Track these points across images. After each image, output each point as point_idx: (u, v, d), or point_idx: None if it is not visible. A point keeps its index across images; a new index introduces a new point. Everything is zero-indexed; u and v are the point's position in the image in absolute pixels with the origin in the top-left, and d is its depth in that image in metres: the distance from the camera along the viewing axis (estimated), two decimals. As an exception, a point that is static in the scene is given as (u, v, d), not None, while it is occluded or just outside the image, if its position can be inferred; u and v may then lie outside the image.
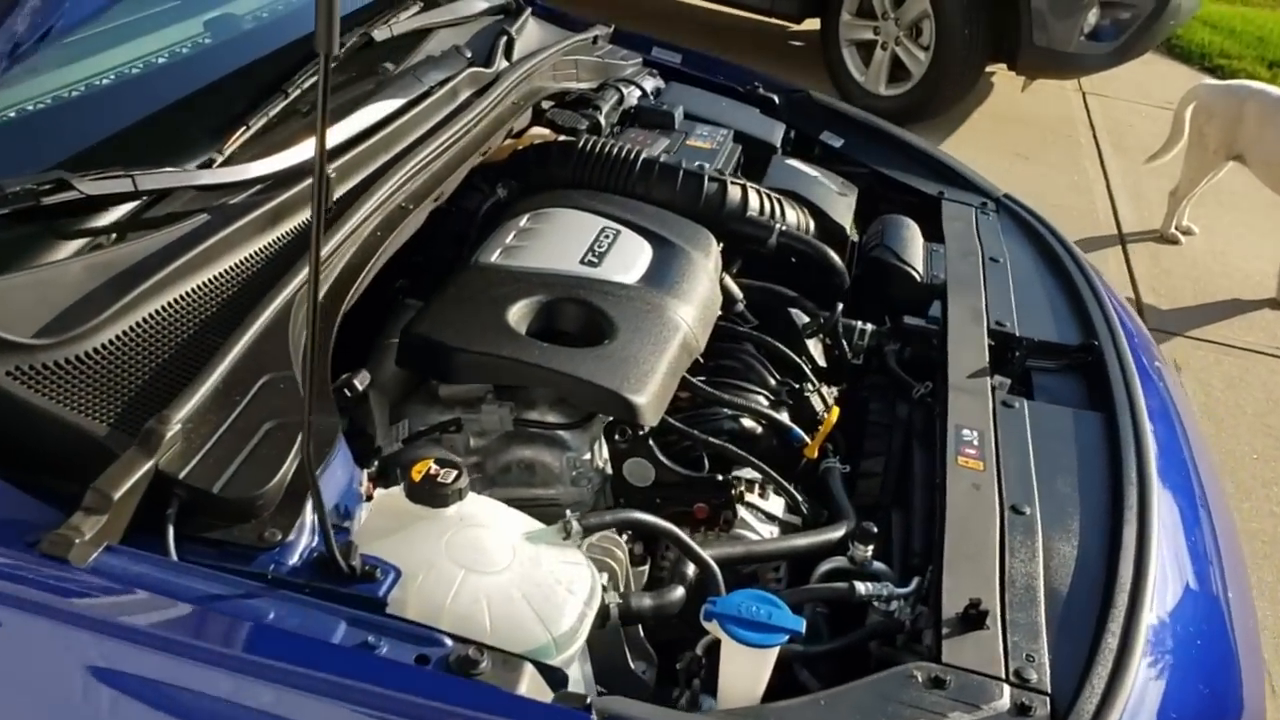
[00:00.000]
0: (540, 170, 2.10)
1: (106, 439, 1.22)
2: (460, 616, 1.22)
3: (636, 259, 1.84)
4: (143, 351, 1.33)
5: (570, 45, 2.48)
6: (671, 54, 2.84)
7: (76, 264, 1.37)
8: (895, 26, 5.71)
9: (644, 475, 1.62)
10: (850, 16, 5.85)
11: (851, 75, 5.92)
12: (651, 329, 1.67)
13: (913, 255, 2.23)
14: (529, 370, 1.55)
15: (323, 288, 1.54)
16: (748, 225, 2.12)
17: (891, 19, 5.71)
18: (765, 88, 2.76)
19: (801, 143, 2.73)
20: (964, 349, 1.93)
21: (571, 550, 1.34)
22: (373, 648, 1.11)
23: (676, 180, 2.09)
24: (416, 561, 1.26)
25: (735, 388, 1.82)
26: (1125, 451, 1.70)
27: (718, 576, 1.42)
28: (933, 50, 5.57)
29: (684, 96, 2.62)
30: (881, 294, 2.22)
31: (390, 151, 1.77)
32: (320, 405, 1.38)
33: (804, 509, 1.68)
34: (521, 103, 2.18)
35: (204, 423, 1.27)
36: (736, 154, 2.46)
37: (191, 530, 1.21)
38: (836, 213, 2.31)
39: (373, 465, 1.50)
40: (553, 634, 1.24)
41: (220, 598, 1.12)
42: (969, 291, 2.10)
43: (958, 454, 1.66)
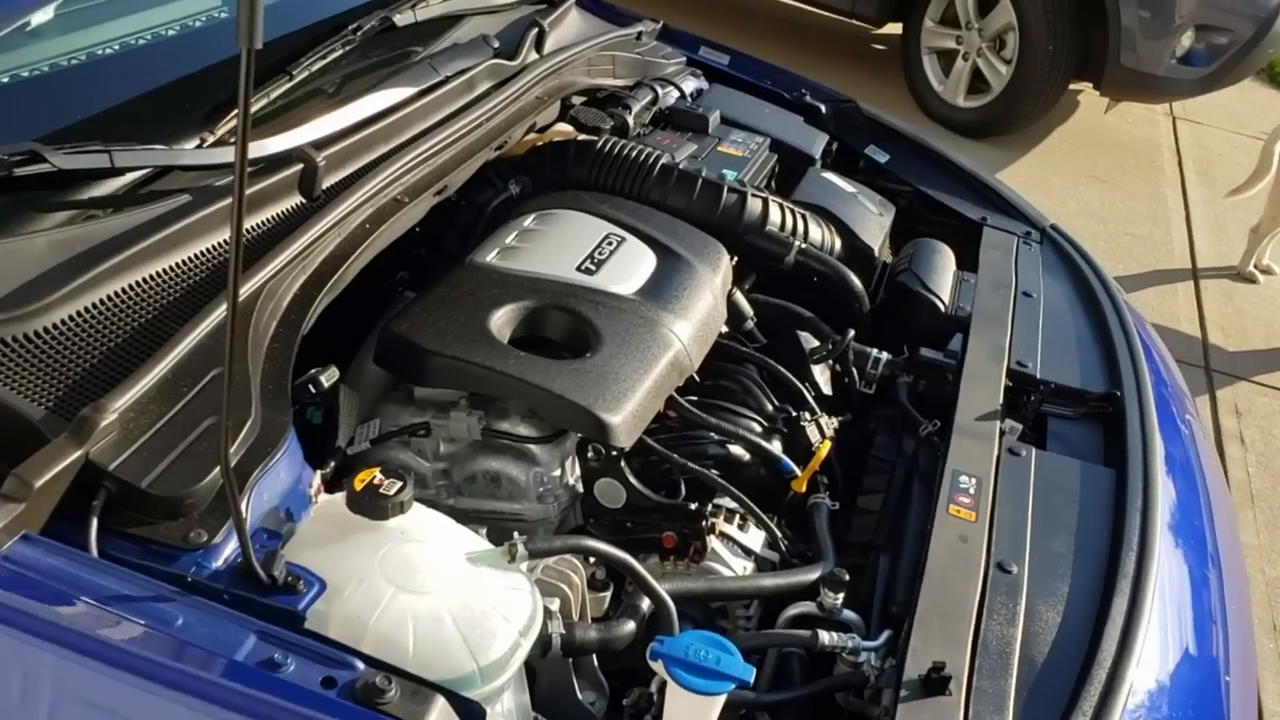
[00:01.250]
0: (556, 169, 2.04)
1: (41, 423, 1.20)
2: (383, 637, 1.17)
3: (637, 269, 1.78)
4: (96, 335, 1.30)
5: (609, 40, 2.42)
6: (719, 55, 2.77)
7: (41, 239, 1.34)
8: (978, 37, 5.54)
9: (615, 497, 1.56)
10: (933, 23, 5.70)
11: (930, 84, 5.77)
12: (639, 344, 1.61)
13: (940, 283, 2.13)
14: (500, 379, 1.50)
15: (300, 276, 1.50)
16: (765, 240, 2.04)
17: (975, 29, 5.55)
18: (812, 96, 2.67)
19: (845, 156, 2.64)
20: (977, 388, 1.83)
21: (515, 575, 1.29)
22: (278, 665, 1.07)
23: (694, 188, 2.02)
24: (346, 574, 1.21)
25: (727, 411, 1.75)
26: (1130, 513, 1.60)
27: (671, 612, 1.36)
28: (1015, 64, 5.40)
29: (725, 100, 2.54)
30: (903, 322, 2.13)
31: (390, 142, 1.73)
32: (273, 403, 1.34)
33: (783, 546, 1.61)
34: (547, 97, 2.13)
35: (145, 413, 1.24)
36: (770, 163, 2.38)
37: (118, 524, 1.18)
38: (866, 233, 2.22)
39: (328, 466, 1.46)
40: (479, 663, 1.19)
41: (129, 598, 1.09)
42: (993, 327, 2.00)
43: (950, 501, 1.58)
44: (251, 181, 1.52)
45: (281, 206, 1.54)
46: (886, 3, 5.76)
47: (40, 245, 1.34)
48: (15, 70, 1.53)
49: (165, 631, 1.06)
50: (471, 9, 2.15)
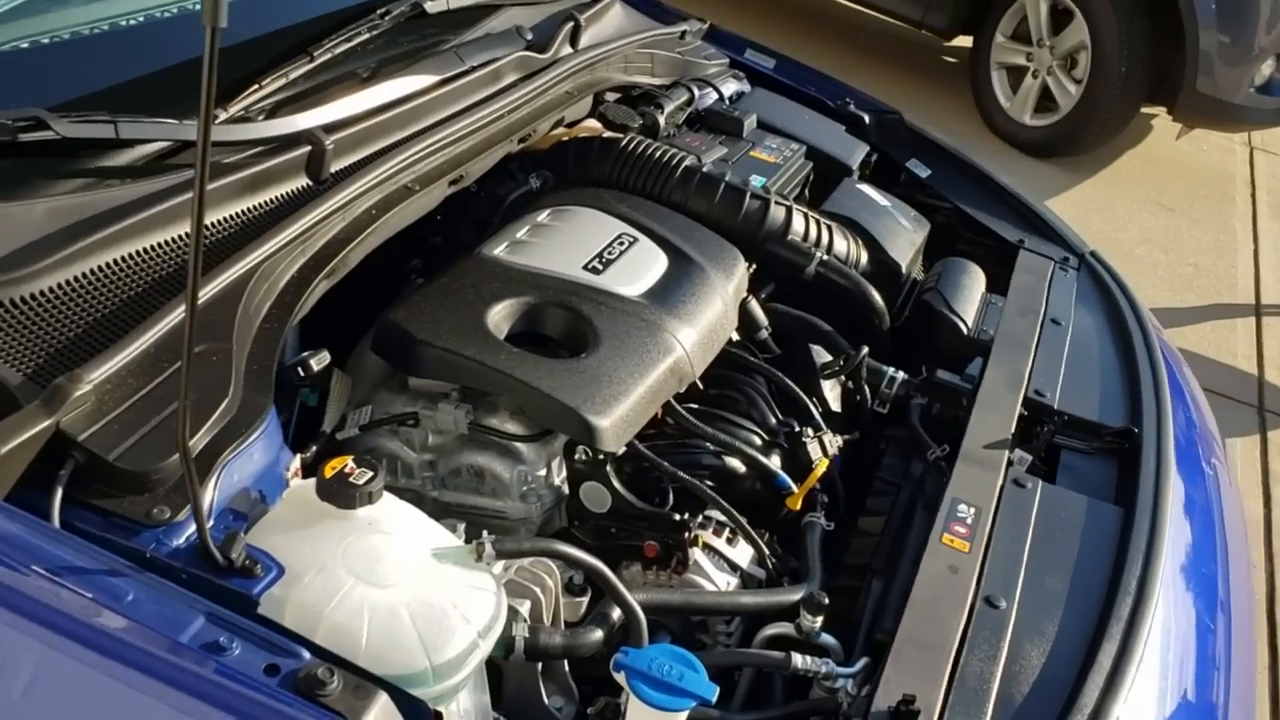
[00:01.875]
0: (578, 165, 2.03)
1: (17, 389, 1.20)
2: (337, 627, 1.16)
3: (646, 271, 1.75)
4: (83, 305, 1.31)
5: (649, 38, 2.39)
6: (765, 58, 2.73)
7: (40, 206, 1.35)
8: (1049, 55, 5.43)
9: (600, 501, 1.54)
10: (1004, 39, 5.60)
11: (997, 99, 5.66)
12: (637, 347, 1.59)
13: (964, 305, 2.08)
14: (489, 374, 1.48)
15: (299, 259, 1.49)
16: (786, 249, 2.00)
17: (1047, 46, 5.43)
18: (857, 105, 2.62)
19: (886, 168, 2.59)
20: (989, 415, 1.79)
21: (481, 574, 1.27)
22: (222, 649, 1.06)
23: (716, 192, 1.99)
24: (308, 561, 1.20)
25: (727, 422, 1.72)
26: (1132, 555, 1.54)
27: (640, 623, 1.33)
28: (1085, 84, 5.28)
29: (765, 104, 2.51)
30: (925, 341, 2.08)
31: (405, 130, 1.72)
32: (256, 384, 1.34)
33: (770, 563, 1.57)
34: (577, 92, 2.11)
35: (121, 386, 1.24)
36: (805, 171, 2.34)
37: (85, 496, 1.18)
38: (895, 248, 2.17)
39: (309, 450, 1.46)
40: (433, 661, 1.17)
41: (82, 570, 1.09)
42: (1015, 353, 1.95)
43: (945, 530, 1.54)
44: (257, 160, 1.52)
45: (286, 187, 1.54)
46: (957, 15, 5.67)
47: (39, 212, 1.35)
48: (35, 37, 1.54)
49: (113, 606, 1.06)
50: (508, 0, 2.13)
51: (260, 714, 1.02)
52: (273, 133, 1.54)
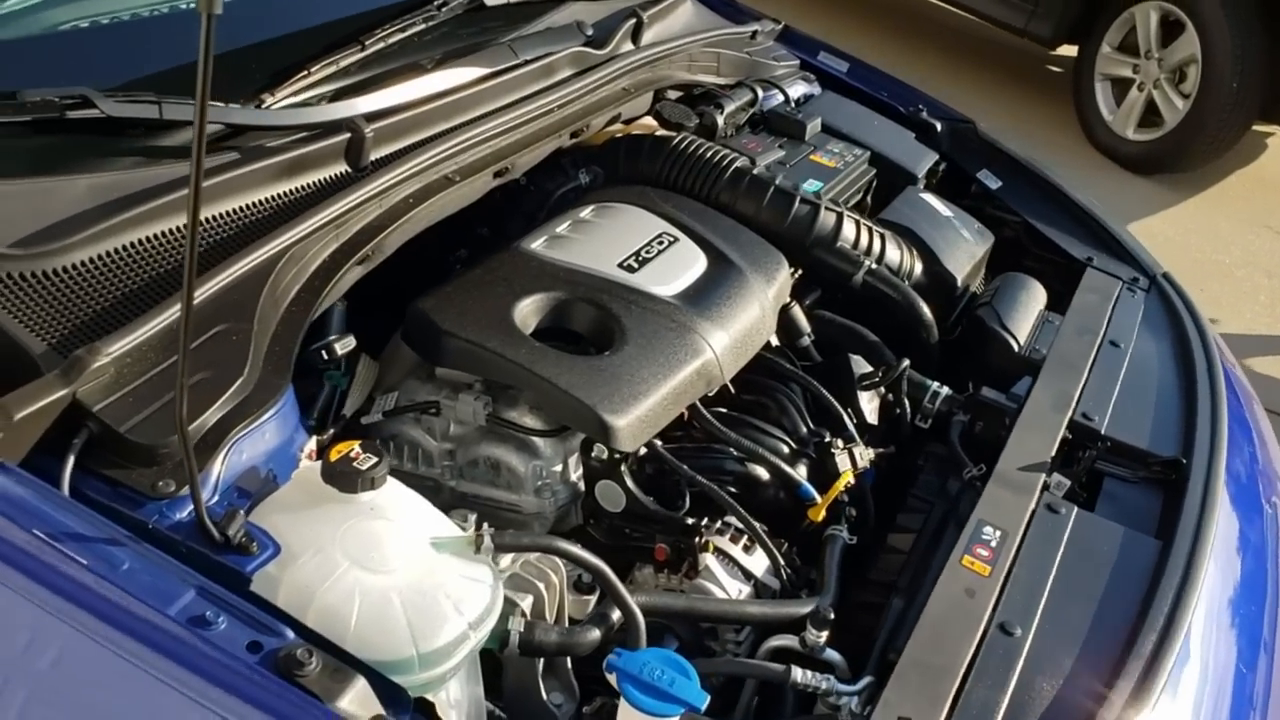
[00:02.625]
0: (629, 162, 2.02)
1: (40, 357, 1.24)
2: (327, 608, 1.18)
3: (683, 272, 1.74)
4: (113, 279, 1.34)
5: (717, 37, 2.37)
6: (838, 61, 2.69)
7: (82, 181, 1.39)
8: (1157, 68, 5.26)
9: (615, 500, 1.54)
10: (1110, 49, 5.43)
11: (1099, 112, 5.50)
12: (664, 348, 1.58)
13: (1018, 321, 2.03)
14: (509, 367, 1.49)
15: (332, 244, 1.52)
16: (834, 256, 1.97)
17: (1155, 59, 5.26)
18: (930, 112, 2.57)
19: (957, 178, 2.53)
20: (1030, 436, 1.73)
21: (478, 566, 1.28)
22: (208, 623, 1.08)
23: (765, 195, 1.96)
24: (306, 542, 1.22)
25: (754, 429, 1.70)
26: (1164, 590, 1.49)
27: (639, 626, 1.32)
28: (1194, 99, 5.10)
29: (832, 108, 2.47)
30: (975, 357, 2.03)
31: (451, 121, 1.73)
32: (275, 364, 1.36)
33: (784, 573, 1.55)
34: (635, 89, 2.10)
35: (141, 361, 1.27)
36: (866, 177, 2.30)
37: (96, 465, 1.21)
38: (953, 260, 2.12)
39: (326, 433, 1.48)
40: (419, 649, 1.18)
41: (82, 537, 1.12)
42: (1066, 374, 1.89)
43: (966, 551, 1.50)
44: (297, 146, 1.54)
45: (324, 173, 1.56)
46: (1062, 23, 5.52)
47: (80, 187, 1.39)
48: (96, 17, 1.59)
49: (107, 574, 1.09)
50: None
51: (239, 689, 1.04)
52: (314, 119, 1.56)
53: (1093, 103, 5.54)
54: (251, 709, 1.03)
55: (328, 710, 1.04)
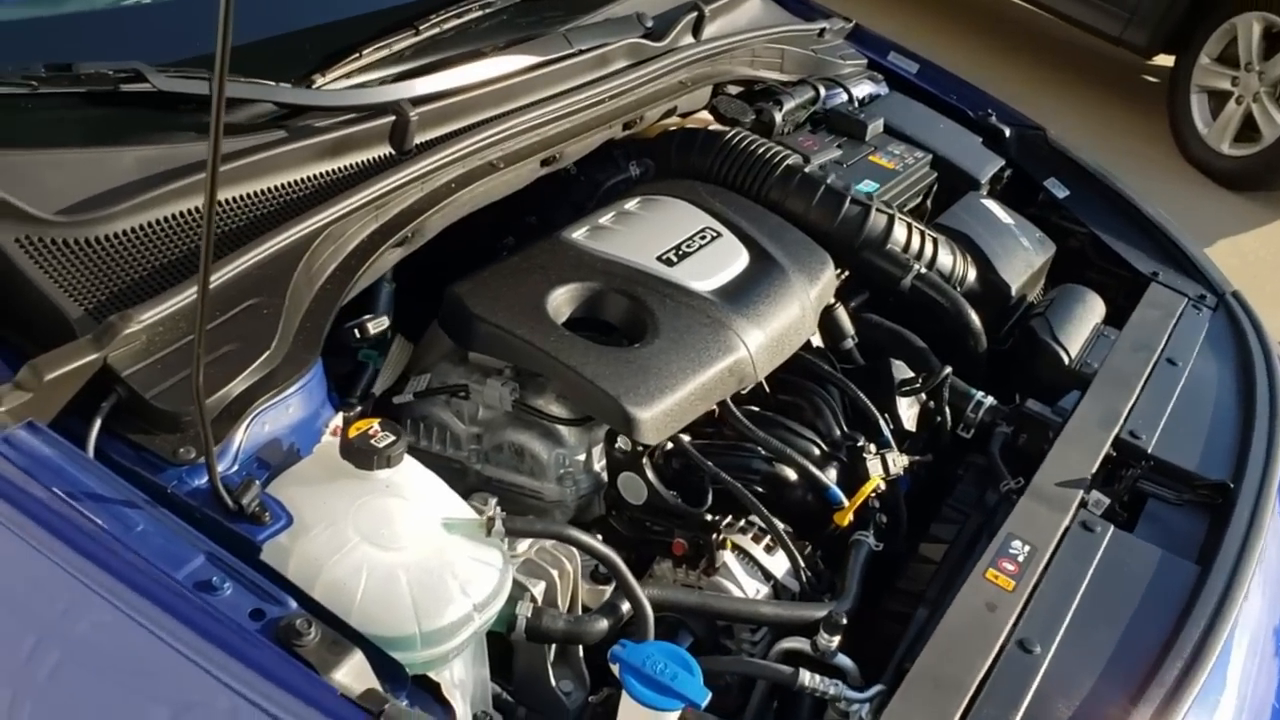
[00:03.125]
0: (681, 156, 2.01)
1: (76, 322, 1.28)
2: (335, 581, 1.20)
3: (723, 268, 1.73)
4: (152, 249, 1.38)
5: (782, 33, 2.35)
6: (908, 62, 2.65)
7: (130, 153, 1.43)
8: (1258, 81, 5.09)
9: (637, 493, 1.53)
10: (1209, 61, 5.27)
11: (1194, 124, 5.34)
12: (696, 343, 1.57)
13: (1071, 334, 1.98)
14: (536, 354, 1.49)
15: (371, 225, 1.54)
16: (882, 259, 1.94)
17: (1255, 71, 5.09)
18: (999, 118, 2.51)
19: (1024, 186, 2.48)
20: (1071, 451, 1.69)
21: (489, 549, 1.28)
22: (213, 589, 1.10)
23: (815, 194, 1.94)
24: (320, 515, 1.24)
25: (786, 429, 1.68)
26: (1196, 616, 1.44)
27: (647, 618, 1.32)
28: (1295, 114, 4.94)
29: (898, 109, 2.43)
30: (1024, 368, 1.99)
31: (499, 108, 1.74)
32: (304, 340, 1.39)
33: (804, 576, 1.53)
34: (692, 83, 2.09)
35: (172, 330, 1.30)
36: (926, 181, 2.27)
37: (122, 429, 1.25)
38: (1009, 269, 2.08)
39: (354, 410, 1.50)
40: (422, 627, 1.19)
41: (101, 498, 1.15)
42: (1116, 390, 1.84)
43: (991, 565, 1.47)
44: (342, 127, 1.57)
45: (368, 155, 1.58)
46: (1159, 33, 5.36)
47: (128, 159, 1.43)
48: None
49: (121, 535, 1.12)
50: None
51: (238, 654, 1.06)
52: (359, 101, 1.58)
53: (1188, 115, 5.38)
54: (250, 673, 1.05)
55: (322, 681, 1.06)
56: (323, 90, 1.58)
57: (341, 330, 1.51)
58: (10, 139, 1.38)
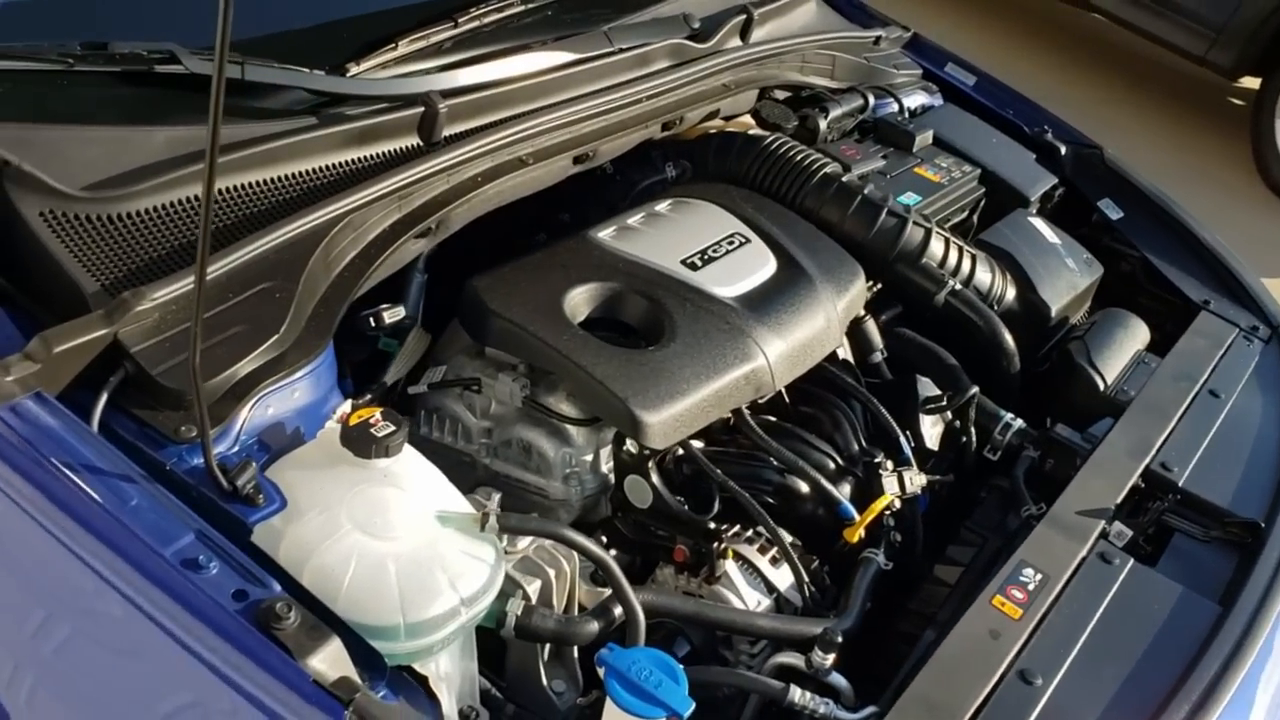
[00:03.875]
0: (719, 159, 2.00)
1: (92, 296, 1.30)
2: (323, 567, 1.20)
3: (749, 274, 1.71)
4: (173, 229, 1.39)
5: (834, 40, 2.32)
6: (966, 75, 2.60)
7: (160, 133, 1.45)
8: (1347, 108, 4.93)
9: (642, 496, 1.52)
10: (1297, 85, 5.11)
11: (1277, 150, 5.18)
12: (712, 349, 1.56)
13: (1109, 359, 1.92)
14: (547, 352, 1.49)
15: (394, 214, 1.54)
16: (917, 273, 1.91)
17: (1345, 98, 4.93)
18: (1055, 134, 2.46)
19: (1077, 205, 2.42)
20: (1096, 479, 1.65)
21: (482, 544, 1.28)
22: (199, 567, 1.12)
23: (851, 204, 1.91)
24: (314, 501, 1.25)
25: (802, 441, 1.66)
26: (1211, 658, 1.39)
27: (638, 623, 1.31)
28: (1384, 145, 4.77)
29: (950, 121, 2.39)
30: (1059, 392, 1.94)
31: (532, 103, 1.74)
32: (316, 326, 1.40)
33: (809, 591, 1.51)
34: (736, 86, 2.08)
35: (184, 309, 1.31)
36: (973, 196, 2.22)
37: (128, 404, 1.26)
38: (1050, 289, 2.03)
39: (365, 397, 1.50)
40: (406, 618, 1.19)
41: (99, 471, 1.17)
42: (1151, 419, 1.79)
43: (999, 591, 1.43)
44: (369, 116, 1.57)
45: (395, 144, 1.59)
46: (1246, 54, 5.20)
47: (157, 139, 1.45)
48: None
49: (113, 508, 1.14)
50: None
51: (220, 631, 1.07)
52: (390, 91, 1.59)
53: (1271, 140, 5.21)
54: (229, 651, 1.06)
55: (296, 665, 1.06)
56: (354, 79, 1.59)
57: (357, 318, 1.52)
58: (45, 115, 1.41)
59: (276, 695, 1.05)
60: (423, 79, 1.63)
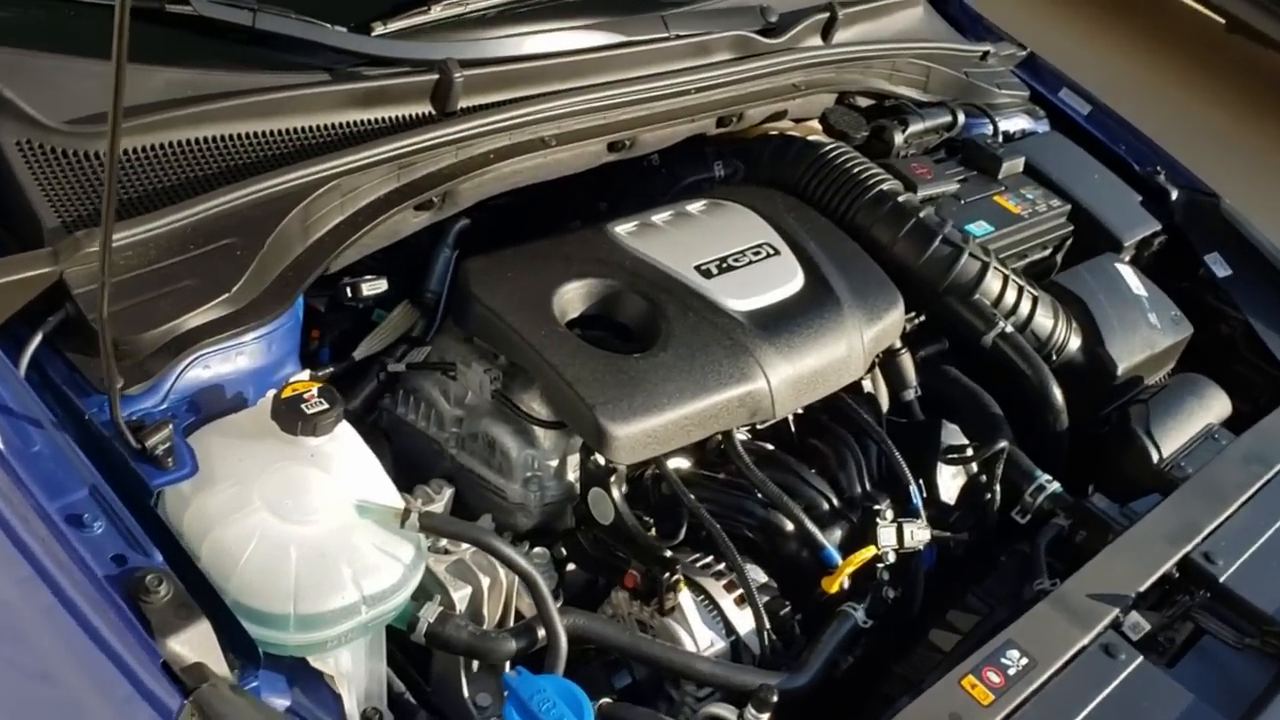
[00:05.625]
0: (773, 164, 1.87)
1: (49, 231, 1.26)
2: (222, 543, 1.14)
3: (769, 289, 1.59)
4: (149, 172, 1.35)
5: (931, 50, 2.16)
6: (1081, 102, 2.39)
7: (160, 74, 1.41)
8: None
9: (604, 512, 1.42)
10: None
11: None
12: (705, 364, 1.45)
13: (1171, 430, 1.74)
14: (521, 346, 1.41)
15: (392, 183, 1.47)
16: (967, 309, 1.76)
17: None
18: (1167, 177, 2.24)
19: (1181, 256, 2.21)
20: (1122, 560, 1.49)
21: (401, 542, 1.20)
22: (83, 525, 1.07)
23: (903, 226, 1.77)
24: (229, 472, 1.19)
25: (798, 477, 1.53)
26: None
27: (559, 647, 1.21)
28: None
29: (1051, 150, 2.21)
30: (1107, 458, 1.76)
31: (564, 83, 1.64)
32: (279, 290, 1.34)
33: (770, 638, 1.39)
34: (808, 88, 1.94)
35: (139, 256, 1.27)
36: (1059, 232, 2.05)
37: (65, 346, 1.23)
38: (1121, 346, 1.85)
39: (326, 370, 1.44)
40: (297, 609, 1.13)
41: (8, 411, 1.13)
42: (1205, 502, 1.60)
43: (974, 671, 1.29)
44: (381, 79, 1.51)
45: (405, 110, 1.52)
46: None
47: (157, 79, 1.41)
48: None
49: (11, 451, 1.09)
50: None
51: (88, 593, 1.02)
52: (402, 54, 1.52)
53: None
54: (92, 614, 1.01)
55: (151, 643, 1.00)
56: (369, 39, 1.52)
57: (337, 286, 1.46)
58: (45, 42, 1.38)
59: (127, 669, 1.00)
60: (443, 46, 1.55)
